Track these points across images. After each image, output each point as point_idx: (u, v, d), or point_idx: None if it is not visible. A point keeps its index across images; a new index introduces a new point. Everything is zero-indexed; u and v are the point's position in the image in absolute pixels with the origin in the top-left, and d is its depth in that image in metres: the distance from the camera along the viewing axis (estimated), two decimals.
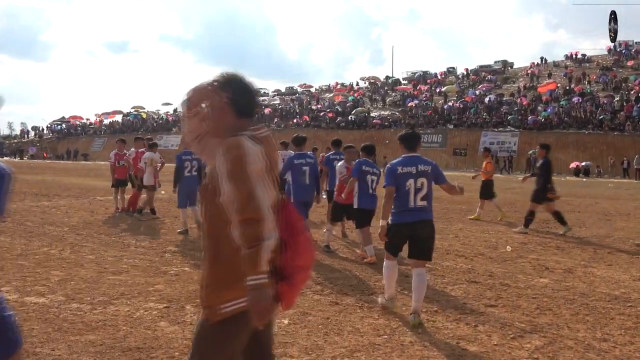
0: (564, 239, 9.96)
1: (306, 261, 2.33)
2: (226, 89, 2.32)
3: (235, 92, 2.32)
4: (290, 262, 2.24)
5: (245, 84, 2.37)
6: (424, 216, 5.16)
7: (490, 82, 60.58)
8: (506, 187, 24.58)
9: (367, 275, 6.74)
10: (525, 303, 5.64)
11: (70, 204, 13.91)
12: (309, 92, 76.55)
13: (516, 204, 16.59)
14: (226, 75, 2.36)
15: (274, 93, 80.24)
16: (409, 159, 5.24)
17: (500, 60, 70.10)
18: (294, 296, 2.34)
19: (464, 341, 4.49)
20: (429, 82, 67.17)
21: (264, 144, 2.29)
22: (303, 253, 2.29)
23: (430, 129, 50.33)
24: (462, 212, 13.84)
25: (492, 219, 12.80)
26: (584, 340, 4.56)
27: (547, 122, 45.01)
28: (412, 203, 5.09)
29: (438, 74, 71.46)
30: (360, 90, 70.84)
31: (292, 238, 2.26)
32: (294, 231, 2.28)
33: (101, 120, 79.01)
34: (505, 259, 7.97)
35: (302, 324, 4.83)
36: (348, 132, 53.04)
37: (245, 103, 2.35)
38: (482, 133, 46.96)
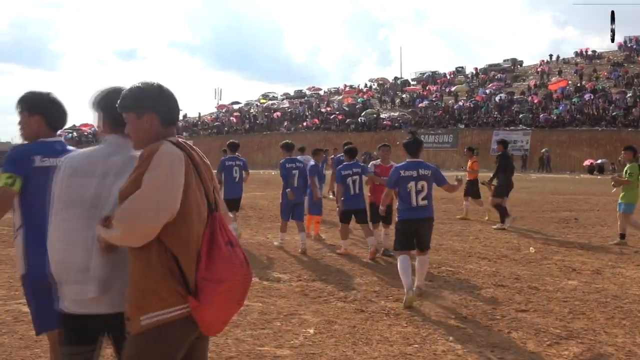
0: (587, 238, 9.73)
1: (220, 274, 2.10)
2: (147, 97, 2.25)
3: (157, 100, 2.26)
4: (201, 274, 2.09)
5: (166, 92, 2.30)
6: (425, 214, 5.92)
7: (500, 80, 60.16)
8: (521, 187, 24.26)
9: (390, 281, 6.56)
10: (557, 307, 5.44)
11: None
12: (318, 94, 76.40)
13: (532, 203, 16.37)
14: (144, 84, 2.28)
15: (283, 97, 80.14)
16: (412, 164, 5.96)
17: (509, 59, 69.64)
18: (212, 317, 2.13)
19: (498, 349, 4.30)
20: (438, 82, 66.88)
21: (187, 151, 2.21)
22: (217, 266, 2.10)
23: (441, 129, 50.00)
24: (478, 213, 13.59)
25: (478, 218, 12.65)
26: (624, 346, 4.36)
27: (559, 120, 44.57)
28: (414, 202, 5.83)
29: (447, 74, 71.14)
30: (370, 91, 70.65)
31: (208, 250, 2.12)
32: (213, 243, 2.14)
33: None
34: (530, 261, 7.77)
35: (328, 333, 4.67)
36: (358, 134, 52.85)
37: (168, 110, 2.29)
38: (494, 132, 46.54)
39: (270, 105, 71.97)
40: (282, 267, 7.40)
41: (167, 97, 2.29)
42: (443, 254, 8.24)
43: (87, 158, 2.36)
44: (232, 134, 59.83)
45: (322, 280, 6.57)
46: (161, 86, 2.29)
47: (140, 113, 2.22)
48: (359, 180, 8.29)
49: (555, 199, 17.79)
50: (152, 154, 2.10)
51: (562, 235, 10.18)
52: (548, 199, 18.08)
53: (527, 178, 32.85)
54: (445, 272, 7.03)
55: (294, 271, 7.10)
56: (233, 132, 61.91)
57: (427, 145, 48.82)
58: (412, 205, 5.82)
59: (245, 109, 76.03)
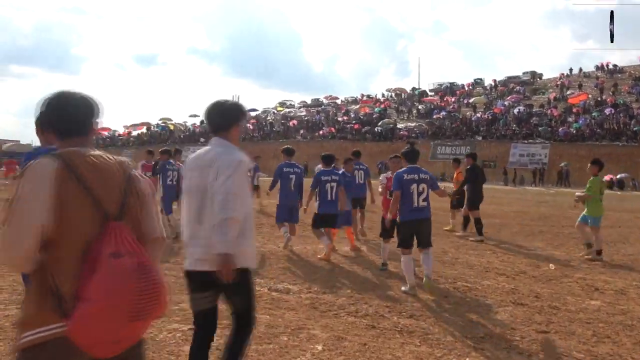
0: (609, 256, 9.38)
1: (93, 292, 1.89)
2: (43, 112, 2.17)
3: (49, 114, 2.14)
4: (76, 292, 1.91)
5: (61, 102, 2.13)
6: (425, 214, 6.57)
7: (519, 93, 59.62)
8: (539, 201, 23.92)
9: (404, 296, 6.30)
10: (579, 329, 5.15)
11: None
12: (335, 103, 76.35)
13: (550, 218, 15.99)
14: (48, 96, 2.15)
15: (300, 105, 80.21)
16: (412, 169, 6.67)
17: (529, 72, 69.05)
18: (89, 337, 1.92)
19: None
20: (456, 93, 66.45)
21: (71, 161, 2.00)
22: (92, 282, 1.90)
23: (458, 140, 49.56)
24: (495, 227, 13.28)
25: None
26: None
27: (578, 134, 43.94)
28: (415, 203, 6.48)
29: (465, 85, 70.68)
30: (387, 101, 70.41)
31: (88, 265, 1.93)
32: (94, 257, 1.94)
33: (129, 132, 79.95)
34: (550, 278, 7.46)
35: (337, 350, 4.43)
36: (374, 144, 52.64)
37: (62, 122, 2.13)
38: (512, 145, 46.08)
39: (287, 113, 72.04)
40: (293, 277, 7.18)
41: (59, 108, 2.13)
42: (459, 268, 7.96)
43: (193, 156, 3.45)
44: (248, 141, 59.91)
45: (333, 293, 6.33)
46: (55, 97, 2.14)
47: (43, 129, 2.26)
48: (336, 187, 8.70)
49: (574, 214, 17.29)
50: (22, 174, 1.98)
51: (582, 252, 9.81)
52: (567, 213, 17.62)
53: (545, 192, 32.35)
54: (461, 287, 6.76)
55: (304, 282, 6.87)
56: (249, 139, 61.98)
57: (444, 157, 48.48)
58: (414, 207, 6.47)
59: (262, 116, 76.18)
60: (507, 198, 25.79)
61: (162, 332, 4.77)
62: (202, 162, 3.26)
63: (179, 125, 78.40)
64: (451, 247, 9.86)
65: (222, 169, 3.11)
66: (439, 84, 73.85)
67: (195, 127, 74.77)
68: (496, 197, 25.88)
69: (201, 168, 3.23)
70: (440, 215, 12.12)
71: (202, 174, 3.20)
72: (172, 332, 4.77)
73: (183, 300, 5.79)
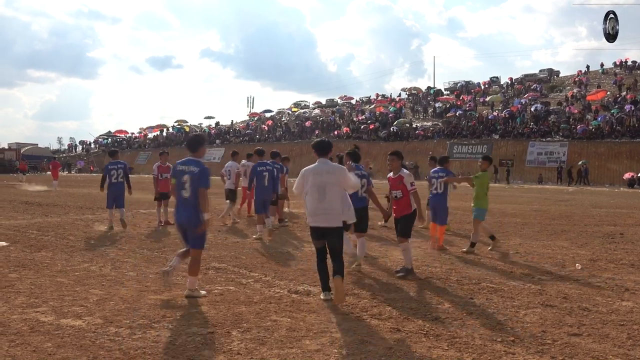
0: (636, 255, 9.10)
1: None
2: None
3: None
4: None
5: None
6: (362, 204, 7.85)
7: (536, 91, 58.93)
8: (559, 200, 23.52)
9: (429, 296, 6.13)
10: (613, 331, 4.93)
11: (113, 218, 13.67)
12: (350, 103, 76.13)
13: (573, 217, 15.64)
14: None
15: (315, 105, 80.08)
16: (357, 167, 8.11)
17: (546, 69, 68.33)
18: None
19: None
20: (472, 92, 65.87)
21: None
22: None
23: (475, 139, 49.08)
24: (517, 226, 13.02)
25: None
26: None
27: (597, 131, 43.26)
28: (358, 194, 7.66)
29: (481, 84, 70.05)
30: (402, 101, 70.02)
31: None
32: None
33: (145, 134, 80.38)
34: (577, 279, 7.23)
35: (361, 354, 4.26)
36: (390, 144, 52.27)
37: None
38: (530, 143, 45.50)
39: (302, 114, 71.93)
40: (313, 278, 7.01)
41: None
42: (482, 269, 7.75)
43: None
44: (264, 141, 59.89)
45: (354, 295, 6.17)
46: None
47: None
48: (269, 176, 10.75)
49: (596, 213, 17.01)
50: None
51: (608, 251, 9.55)
52: (589, 212, 17.31)
53: (564, 191, 31.87)
54: (486, 288, 6.55)
55: None
56: (264, 139, 61.98)
57: (460, 156, 48.06)
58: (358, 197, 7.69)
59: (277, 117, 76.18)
60: (525, 197, 25.44)
61: (182, 336, 4.64)
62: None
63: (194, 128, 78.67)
64: None
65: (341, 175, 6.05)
66: (454, 82, 73.27)
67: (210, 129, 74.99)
68: (514, 196, 25.56)
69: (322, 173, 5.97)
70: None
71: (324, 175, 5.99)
72: (191, 337, 4.63)
73: (202, 303, 5.68)
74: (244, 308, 5.55)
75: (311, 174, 5.98)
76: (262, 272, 7.40)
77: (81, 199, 20.25)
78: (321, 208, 5.82)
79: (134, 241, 9.99)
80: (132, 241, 9.99)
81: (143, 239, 10.27)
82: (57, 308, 5.45)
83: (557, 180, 41.49)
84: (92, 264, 7.79)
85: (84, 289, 6.26)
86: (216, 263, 8.01)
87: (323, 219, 5.84)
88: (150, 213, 14.82)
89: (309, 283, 6.73)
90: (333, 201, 5.84)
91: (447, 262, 8.25)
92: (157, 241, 10.08)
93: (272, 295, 6.14)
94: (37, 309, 5.42)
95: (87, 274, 7.10)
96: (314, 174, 5.96)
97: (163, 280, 6.28)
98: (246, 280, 6.89)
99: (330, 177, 5.90)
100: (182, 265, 6.43)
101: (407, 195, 7.30)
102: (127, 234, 10.92)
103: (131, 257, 8.46)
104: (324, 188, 5.86)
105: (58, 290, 6.20)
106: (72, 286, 6.41)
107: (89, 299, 5.84)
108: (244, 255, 8.79)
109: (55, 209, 16.26)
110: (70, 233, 10.92)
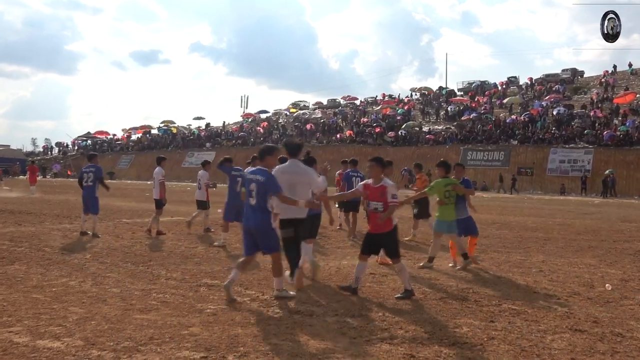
0: None
1: None
2: None
3: None
4: None
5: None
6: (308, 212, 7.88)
7: (558, 92, 59.08)
8: (583, 212, 23.52)
9: (444, 318, 6.09)
10: None
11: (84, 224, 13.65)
12: (354, 104, 76.29)
13: (600, 231, 15.61)
14: None
15: (315, 106, 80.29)
16: None
17: (569, 69, 68.53)
18: None
19: None
20: (487, 93, 66.03)
21: None
22: None
23: (491, 145, 49.15)
24: (539, 241, 12.99)
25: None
26: None
27: (626, 138, 43.28)
28: None
29: (498, 84, 70.23)
30: (411, 102, 70.15)
31: None
32: None
33: (128, 136, 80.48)
34: (608, 300, 7.19)
35: None
36: (397, 149, 52.41)
37: None
38: (551, 150, 45.54)
39: (301, 115, 72.07)
40: (314, 297, 6.99)
41: None
42: (503, 288, 7.71)
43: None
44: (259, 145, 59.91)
45: (361, 316, 6.13)
46: None
47: None
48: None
49: (626, 227, 17.00)
50: None
51: None
52: (617, 227, 17.30)
53: (589, 202, 31.88)
54: (508, 310, 6.51)
55: (328, 303, 6.67)
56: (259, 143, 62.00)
57: (475, 163, 48.12)
58: None
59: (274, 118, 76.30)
60: (547, 209, 25.43)
61: None
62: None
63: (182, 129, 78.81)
64: (492, 265, 9.62)
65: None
66: (468, 82, 73.54)
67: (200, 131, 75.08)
68: (535, 208, 25.57)
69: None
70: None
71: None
72: None
73: (194, 323, 5.64)
74: (240, 330, 5.50)
75: (284, 174, 7.28)
76: (258, 289, 7.36)
77: (58, 207, 20.22)
78: None
79: (116, 254, 9.95)
80: (115, 254, 9.95)
81: (126, 252, 10.23)
82: (32, 328, 5.41)
83: (580, 191, 41.48)
84: (70, 279, 7.74)
85: (63, 307, 6.22)
86: (208, 279, 7.96)
87: (295, 212, 7.26)
88: (135, 223, 14.80)
89: (311, 303, 6.69)
90: (302, 198, 7.12)
91: (464, 281, 8.21)
92: (143, 254, 10.04)
93: (270, 315, 6.10)
94: (10, 328, 5.38)
95: (65, 290, 7.06)
96: (286, 173, 7.32)
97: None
98: (242, 298, 6.84)
99: (300, 177, 7.33)
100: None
101: (387, 209, 7.03)
102: (109, 246, 10.88)
103: (114, 271, 8.41)
104: (294, 187, 7.21)
105: (33, 307, 6.16)
106: (49, 303, 6.36)
107: (68, 317, 5.79)
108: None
109: (29, 217, 16.23)
110: (46, 244, 10.88)
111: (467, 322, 6.01)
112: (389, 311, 6.40)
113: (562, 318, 6.25)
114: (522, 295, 7.35)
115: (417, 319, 6.09)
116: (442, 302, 6.89)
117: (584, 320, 6.19)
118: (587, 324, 6.04)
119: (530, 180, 45.30)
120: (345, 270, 8.80)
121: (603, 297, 7.40)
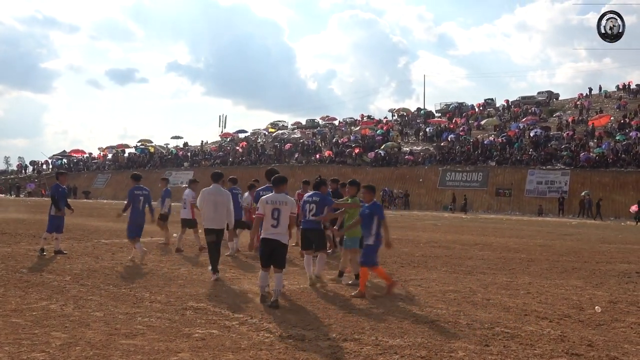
0: None
1: None
2: None
3: None
4: None
5: None
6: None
7: (535, 114, 59.90)
8: (563, 233, 23.67)
9: (439, 342, 5.97)
10: None
11: (71, 248, 13.36)
12: (332, 125, 76.51)
13: (581, 253, 15.69)
14: None
15: (294, 126, 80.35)
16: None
17: (544, 91, 69.73)
18: None
19: None
20: (465, 115, 66.70)
21: None
22: None
23: (469, 166, 49.48)
24: (523, 262, 12.99)
25: None
26: None
27: (601, 160, 43.89)
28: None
29: (475, 106, 71.05)
30: (390, 123, 70.56)
31: None
32: None
33: (105, 155, 79.61)
34: (599, 323, 7.16)
35: None
36: (377, 169, 52.56)
37: None
38: (529, 171, 45.98)
39: (280, 135, 72.03)
40: (305, 320, 6.85)
41: None
42: (494, 311, 7.64)
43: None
44: (237, 165, 59.74)
45: (354, 340, 6.00)
46: None
47: None
48: (144, 200, 12.14)
49: (606, 249, 17.12)
50: None
51: (627, 292, 9.53)
52: (598, 248, 17.41)
53: (567, 223, 32.14)
54: (501, 334, 6.43)
55: (319, 327, 6.54)
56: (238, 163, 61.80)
57: (454, 184, 48.38)
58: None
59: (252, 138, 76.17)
60: (527, 230, 25.55)
61: None
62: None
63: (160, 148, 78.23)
64: (479, 286, 9.56)
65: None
66: (446, 104, 74.31)
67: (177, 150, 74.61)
68: (515, 229, 25.67)
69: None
70: None
71: None
72: None
73: (182, 348, 5.47)
74: (231, 356, 5.34)
75: (210, 195, 9.77)
76: (247, 313, 7.19)
77: (33, 227, 19.77)
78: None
79: (97, 275, 9.70)
80: (96, 275, 9.70)
81: (107, 273, 9.97)
82: (13, 354, 5.19)
83: (558, 212, 41.87)
84: (51, 302, 7.50)
85: (44, 332, 5.99)
86: (194, 302, 7.77)
87: (217, 223, 9.72)
88: (113, 243, 14.52)
89: (302, 326, 6.55)
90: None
91: (454, 303, 8.13)
92: (124, 276, 9.80)
93: (261, 340, 5.94)
94: None
95: (46, 314, 6.82)
96: (212, 194, 9.76)
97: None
98: (230, 322, 6.67)
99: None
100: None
101: None
102: (89, 267, 10.61)
103: (96, 294, 8.18)
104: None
105: (14, 332, 5.92)
106: (30, 328, 6.13)
107: (51, 343, 5.58)
108: (224, 293, 8.57)
109: (4, 237, 15.83)
110: (23, 265, 10.58)
111: (462, 346, 5.91)
112: (382, 334, 6.28)
113: (557, 342, 6.18)
114: (513, 318, 7.28)
115: (411, 343, 5.98)
116: (434, 325, 6.79)
117: (579, 343, 6.13)
118: (582, 347, 5.99)
119: (509, 202, 45.64)
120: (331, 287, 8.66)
121: (594, 319, 7.37)
